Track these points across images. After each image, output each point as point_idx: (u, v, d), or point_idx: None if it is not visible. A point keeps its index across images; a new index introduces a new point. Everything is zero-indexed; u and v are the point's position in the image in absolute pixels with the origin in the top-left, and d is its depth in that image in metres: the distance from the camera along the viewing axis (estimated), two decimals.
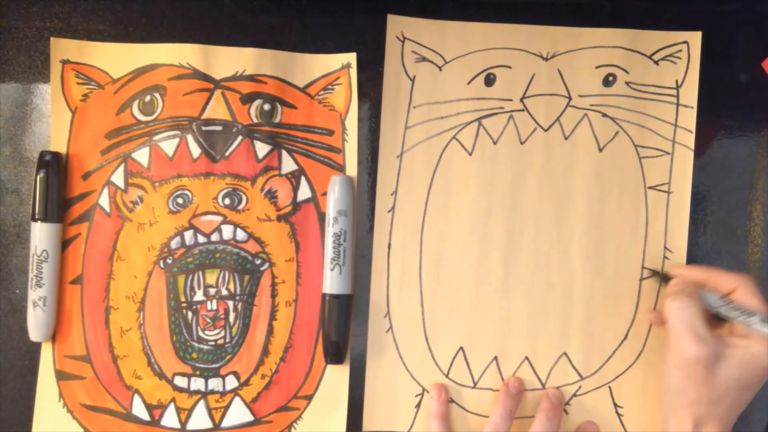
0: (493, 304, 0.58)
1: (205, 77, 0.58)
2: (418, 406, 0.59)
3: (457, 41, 0.59)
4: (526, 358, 0.58)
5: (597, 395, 0.58)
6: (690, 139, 0.58)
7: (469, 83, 0.59)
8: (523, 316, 0.58)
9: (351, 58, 0.59)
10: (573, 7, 0.58)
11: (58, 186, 0.57)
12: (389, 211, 0.59)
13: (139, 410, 0.58)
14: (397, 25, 0.59)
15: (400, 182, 0.59)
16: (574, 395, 0.58)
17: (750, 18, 0.59)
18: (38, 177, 0.57)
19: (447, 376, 0.59)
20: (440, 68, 0.59)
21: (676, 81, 0.58)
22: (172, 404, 0.58)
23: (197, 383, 0.58)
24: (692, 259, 0.58)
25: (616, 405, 0.58)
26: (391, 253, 0.59)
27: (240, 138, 0.58)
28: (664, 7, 0.59)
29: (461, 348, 0.59)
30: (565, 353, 0.58)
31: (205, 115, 0.58)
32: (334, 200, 0.57)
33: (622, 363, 0.58)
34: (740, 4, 0.59)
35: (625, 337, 0.58)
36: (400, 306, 0.59)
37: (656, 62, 0.58)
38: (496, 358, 0.58)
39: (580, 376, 0.58)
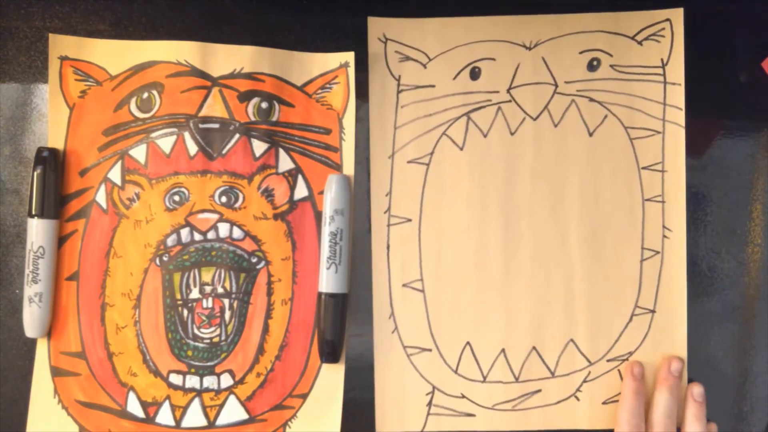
0: (495, 297, 0.58)
1: (203, 75, 0.58)
2: (429, 404, 0.58)
3: (439, 37, 0.59)
4: (534, 348, 0.58)
5: (607, 379, 0.58)
6: (680, 117, 0.58)
7: (454, 78, 0.59)
8: (527, 306, 0.58)
9: (349, 57, 0.59)
10: None
11: (55, 182, 0.57)
12: (385, 212, 0.59)
13: (134, 407, 0.58)
14: (378, 26, 0.59)
15: (393, 182, 0.59)
16: (585, 381, 0.58)
17: (750, 18, 0.59)
18: (35, 173, 0.57)
19: (456, 371, 0.58)
20: (425, 66, 0.59)
21: (662, 59, 0.58)
22: (167, 402, 0.58)
23: (192, 381, 0.58)
24: (692, 259, 0.58)
25: None
26: (390, 254, 0.59)
27: (237, 136, 0.58)
28: (662, 6, 0.58)
29: (468, 343, 0.58)
30: (572, 340, 0.58)
31: (202, 113, 0.58)
32: (330, 199, 0.57)
33: (630, 345, 0.58)
34: (740, 3, 0.59)
35: (630, 319, 0.58)
36: (404, 306, 0.59)
37: (639, 42, 0.58)
38: (503, 350, 0.58)
39: (589, 361, 0.58)
